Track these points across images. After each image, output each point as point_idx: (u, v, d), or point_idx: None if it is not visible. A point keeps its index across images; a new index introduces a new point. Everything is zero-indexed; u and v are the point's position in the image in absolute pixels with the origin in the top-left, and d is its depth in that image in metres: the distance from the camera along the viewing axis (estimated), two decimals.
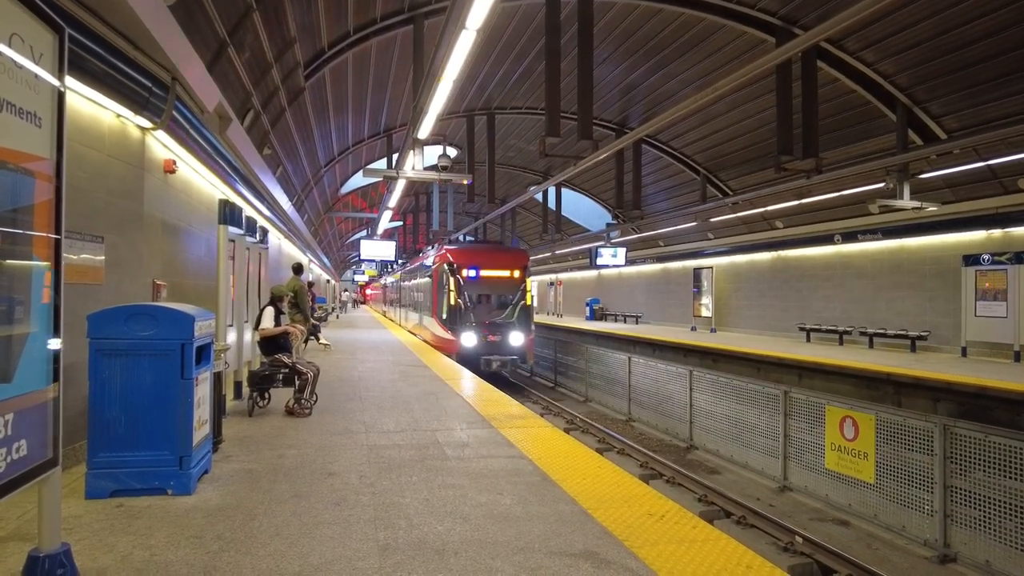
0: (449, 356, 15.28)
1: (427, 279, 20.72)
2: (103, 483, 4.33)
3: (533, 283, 19.36)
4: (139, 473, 4.39)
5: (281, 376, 7.86)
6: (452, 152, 22.33)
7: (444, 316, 17.89)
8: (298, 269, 14.90)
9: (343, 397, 8.81)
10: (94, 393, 4.34)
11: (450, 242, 21.43)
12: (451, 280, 17.63)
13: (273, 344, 7.97)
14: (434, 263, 19.32)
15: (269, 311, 8.00)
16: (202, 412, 4.86)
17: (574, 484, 4.85)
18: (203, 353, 4.94)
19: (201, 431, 4.81)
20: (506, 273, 18.53)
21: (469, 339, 17.38)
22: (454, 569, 3.31)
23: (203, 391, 4.91)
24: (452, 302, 17.55)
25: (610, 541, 3.74)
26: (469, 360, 16.13)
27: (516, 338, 17.79)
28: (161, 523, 3.92)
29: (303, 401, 7.65)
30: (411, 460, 5.52)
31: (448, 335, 17.47)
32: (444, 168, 14.60)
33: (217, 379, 5.72)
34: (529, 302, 18.61)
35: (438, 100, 8.42)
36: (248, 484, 4.77)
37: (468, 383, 10.59)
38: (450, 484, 4.81)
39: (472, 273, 18.01)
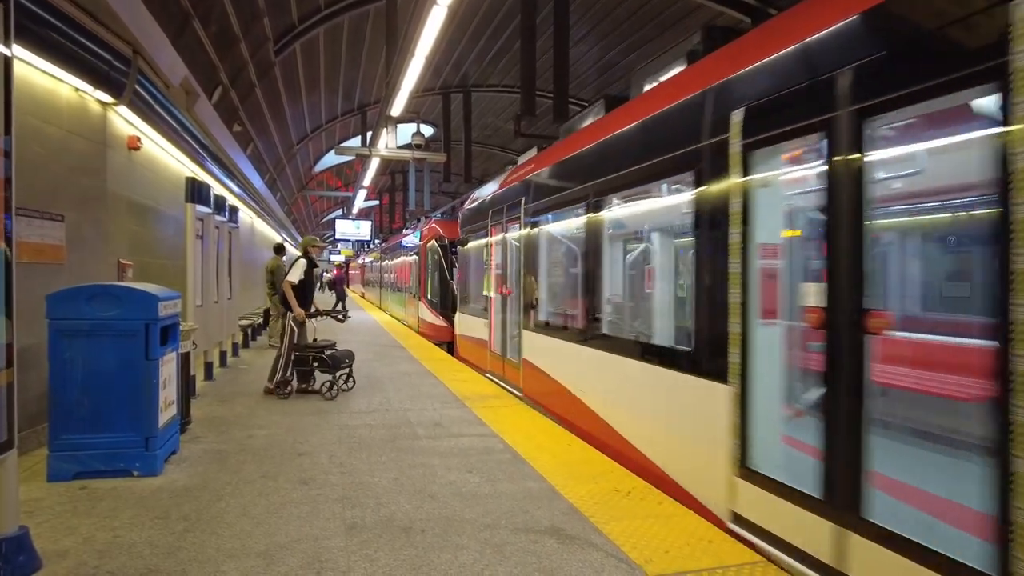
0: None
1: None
2: (65, 465, 4.27)
3: None
4: (103, 455, 4.33)
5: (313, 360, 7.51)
6: (428, 130, 21.99)
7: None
8: (279, 249, 14.74)
9: (316, 378, 8.76)
10: (54, 374, 4.26)
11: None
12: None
13: (287, 301, 7.49)
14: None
15: (301, 263, 7.58)
16: (168, 393, 4.80)
17: (544, 462, 4.91)
18: (169, 333, 4.87)
19: (168, 412, 4.76)
20: None
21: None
22: (420, 546, 3.34)
23: (169, 372, 4.84)
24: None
25: (576, 517, 3.79)
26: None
27: None
28: (125, 504, 3.89)
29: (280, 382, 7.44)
30: (382, 440, 5.53)
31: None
32: (418, 146, 14.42)
33: (184, 360, 5.66)
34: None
35: (410, 77, 8.31)
36: (216, 464, 4.74)
37: (444, 364, 10.59)
38: (420, 463, 4.84)
39: None
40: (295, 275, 7.39)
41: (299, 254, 7.96)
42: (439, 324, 14.95)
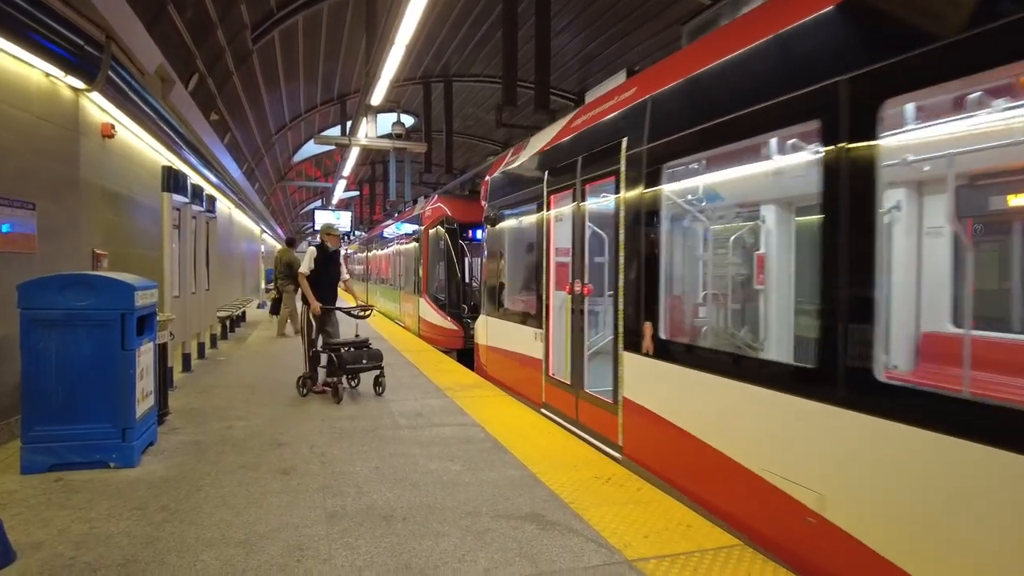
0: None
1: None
2: (40, 457, 4.20)
3: None
4: (79, 447, 4.27)
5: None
6: (408, 120, 21.80)
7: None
8: (291, 242, 14.76)
9: (293, 366, 8.70)
10: (27, 365, 4.19)
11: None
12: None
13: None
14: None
15: (311, 251, 7.13)
16: (145, 384, 4.74)
17: (524, 450, 4.93)
18: (146, 324, 4.81)
19: (145, 403, 4.71)
20: None
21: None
22: (401, 534, 3.34)
23: (146, 362, 4.78)
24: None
25: (556, 504, 3.82)
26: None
27: None
28: (102, 496, 3.84)
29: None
30: (363, 430, 5.52)
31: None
32: (398, 136, 14.30)
33: (162, 350, 5.59)
34: None
35: (390, 66, 8.24)
36: (195, 455, 4.70)
37: (425, 355, 10.59)
38: (401, 452, 4.84)
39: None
40: (305, 265, 7.03)
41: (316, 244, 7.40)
42: (447, 327, 11.93)
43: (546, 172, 6.42)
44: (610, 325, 5.35)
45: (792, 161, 3.81)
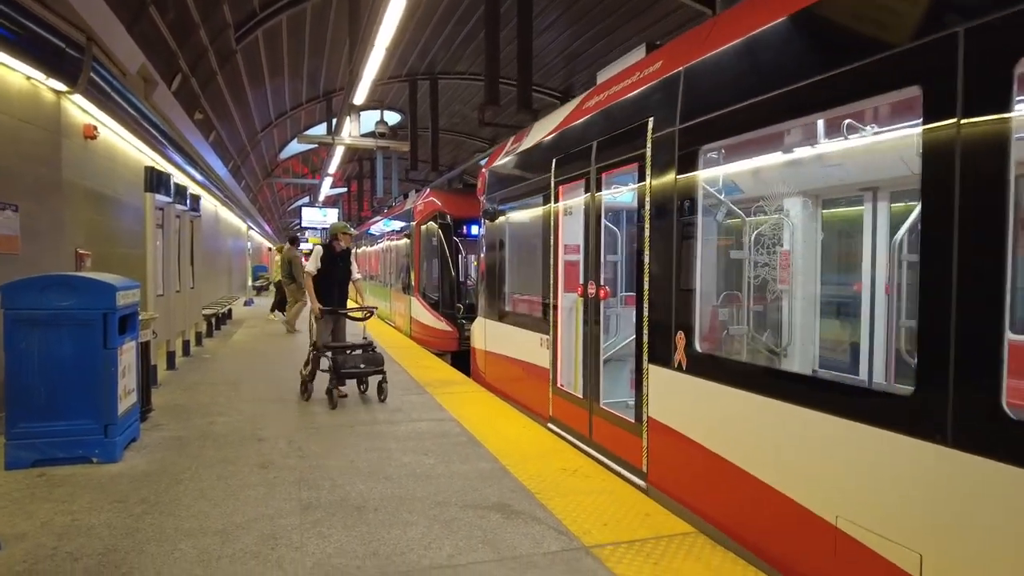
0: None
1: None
2: (23, 453, 4.33)
3: None
4: (62, 442, 4.40)
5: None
6: (395, 117, 21.85)
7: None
8: (294, 240, 14.94)
9: (278, 363, 8.84)
10: (10, 363, 4.31)
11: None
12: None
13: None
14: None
15: (317, 251, 7.01)
16: (128, 381, 4.87)
17: (497, 444, 5.10)
18: (128, 323, 4.93)
19: (127, 400, 4.83)
20: None
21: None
22: (372, 523, 3.51)
23: (128, 360, 4.91)
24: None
25: (523, 494, 4.00)
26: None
27: None
28: (84, 490, 3.98)
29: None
30: (342, 426, 5.67)
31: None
32: (382, 135, 14.38)
33: (144, 349, 5.71)
34: None
35: (371, 67, 8.37)
36: (176, 450, 4.83)
37: (407, 352, 10.73)
38: (377, 447, 4.99)
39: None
40: (311, 265, 6.89)
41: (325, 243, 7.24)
42: (440, 328, 11.39)
43: (554, 160, 5.76)
44: (624, 330, 4.98)
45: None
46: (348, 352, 6.66)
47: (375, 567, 3.01)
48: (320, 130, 20.67)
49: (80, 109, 6.96)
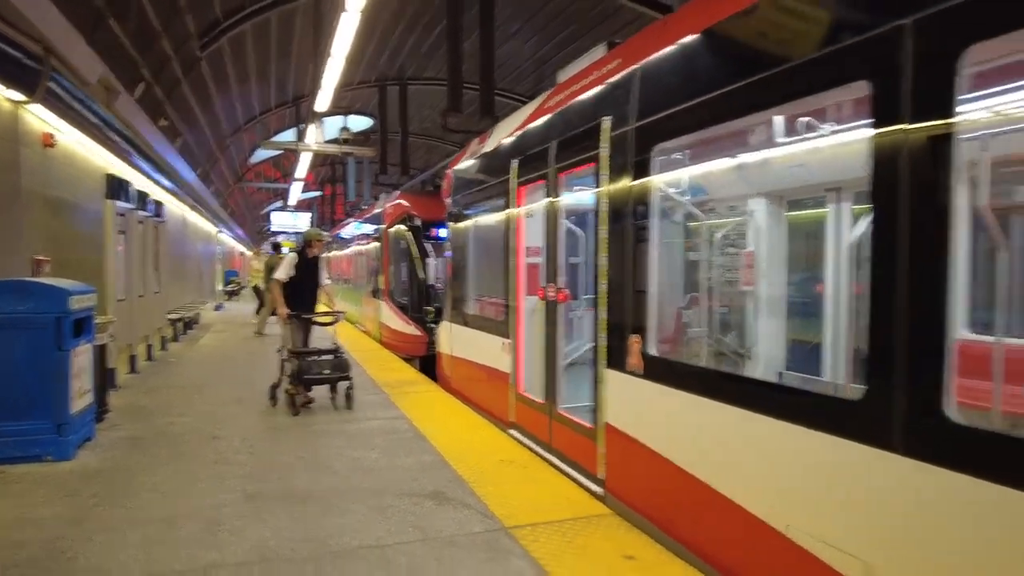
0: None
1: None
2: None
3: None
4: (16, 442, 4.56)
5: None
6: (363, 122, 21.96)
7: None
8: (277, 247, 15.02)
9: (244, 367, 8.99)
10: None
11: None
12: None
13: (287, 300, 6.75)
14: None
15: (290, 258, 6.94)
16: (83, 382, 5.04)
17: (443, 440, 5.36)
18: (84, 326, 5.10)
19: (82, 400, 5.01)
20: None
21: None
22: (311, 511, 3.75)
23: (83, 362, 5.08)
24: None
25: (458, 484, 4.26)
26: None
27: None
28: (37, 486, 4.15)
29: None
30: (296, 425, 5.89)
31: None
32: (346, 141, 14.55)
33: (100, 351, 5.87)
34: None
35: (331, 75, 8.59)
36: (131, 449, 5.02)
37: (371, 354, 10.93)
38: (328, 444, 5.23)
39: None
40: (282, 272, 6.80)
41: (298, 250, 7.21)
42: (409, 333, 11.18)
43: (514, 161, 5.68)
44: (589, 333, 4.85)
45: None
46: (315, 357, 6.61)
47: (308, 549, 3.25)
48: (290, 135, 20.75)
49: (38, 118, 7.08)
